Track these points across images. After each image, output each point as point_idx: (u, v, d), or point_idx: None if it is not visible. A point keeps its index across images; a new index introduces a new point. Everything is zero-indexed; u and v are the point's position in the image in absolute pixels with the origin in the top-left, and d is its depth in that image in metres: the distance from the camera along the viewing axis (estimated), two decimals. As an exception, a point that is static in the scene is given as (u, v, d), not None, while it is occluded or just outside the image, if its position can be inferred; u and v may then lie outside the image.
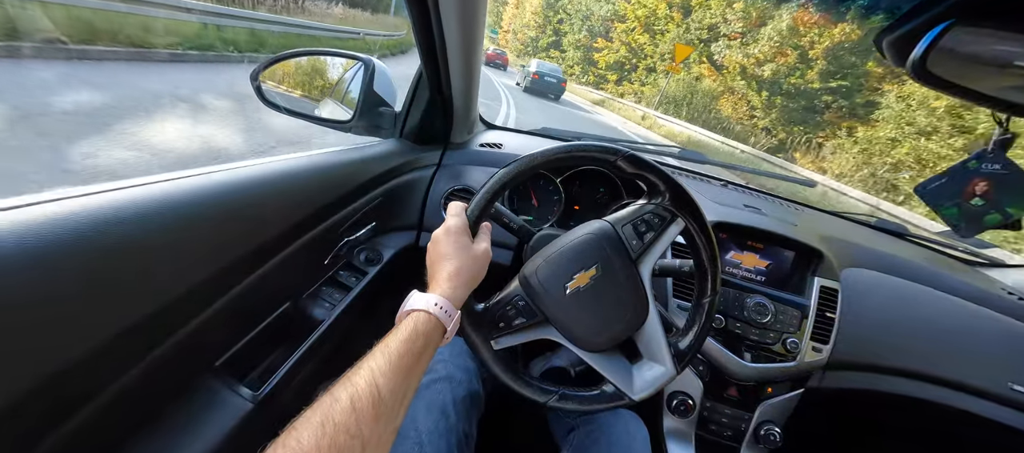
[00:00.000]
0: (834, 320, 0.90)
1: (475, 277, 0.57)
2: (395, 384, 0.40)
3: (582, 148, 0.62)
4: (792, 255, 0.96)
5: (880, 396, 0.94)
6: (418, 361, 0.44)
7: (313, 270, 0.78)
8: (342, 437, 0.34)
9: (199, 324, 0.53)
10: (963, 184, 0.54)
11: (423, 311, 0.48)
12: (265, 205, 0.61)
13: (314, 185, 0.71)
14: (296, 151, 0.74)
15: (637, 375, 0.63)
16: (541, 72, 15.35)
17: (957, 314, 0.99)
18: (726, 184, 1.24)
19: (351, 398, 0.36)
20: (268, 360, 0.70)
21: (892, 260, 1.05)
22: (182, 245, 0.49)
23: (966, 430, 1.02)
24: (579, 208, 1.05)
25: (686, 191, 0.62)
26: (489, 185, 0.60)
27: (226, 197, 0.55)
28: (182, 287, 0.49)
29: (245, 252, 0.57)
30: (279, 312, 0.70)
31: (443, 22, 0.70)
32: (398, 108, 1.01)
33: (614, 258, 0.60)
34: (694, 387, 0.94)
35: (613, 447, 0.74)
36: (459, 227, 0.57)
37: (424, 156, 1.02)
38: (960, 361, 0.94)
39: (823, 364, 0.90)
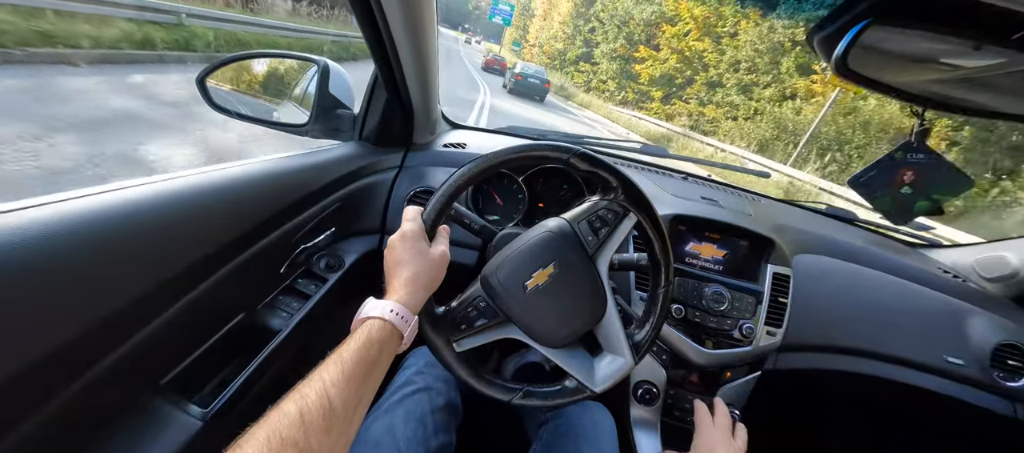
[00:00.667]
0: (786, 305, 0.94)
1: (433, 281, 0.57)
2: (348, 394, 0.39)
3: (536, 148, 0.62)
4: (747, 244, 1.00)
5: (830, 374, 1.00)
6: (373, 369, 0.44)
7: (268, 279, 0.76)
8: (290, 450, 0.33)
9: (142, 339, 0.51)
10: (892, 174, 0.58)
11: (378, 318, 0.48)
12: (211, 214, 0.59)
13: (265, 192, 0.69)
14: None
15: (598, 368, 0.65)
16: (525, 73, 15.47)
17: (899, 294, 1.05)
18: (686, 177, 1.27)
19: (301, 411, 0.36)
20: (221, 375, 0.68)
21: (841, 245, 1.11)
22: (120, 259, 0.47)
23: (907, 400, 1.09)
24: (544, 205, 1.06)
25: (637, 187, 0.64)
26: (444, 188, 0.60)
27: (168, 207, 0.53)
28: (121, 301, 0.47)
29: (190, 264, 0.55)
30: (232, 324, 0.68)
31: (389, 23, 0.69)
32: (357, 110, 0.99)
33: (571, 255, 0.61)
34: (658, 376, 0.97)
35: (580, 439, 0.75)
36: (415, 232, 0.56)
37: (385, 158, 1.00)
38: (901, 337, 1.00)
39: (777, 347, 0.94)
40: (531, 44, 42.84)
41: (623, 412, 0.97)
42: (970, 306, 1.04)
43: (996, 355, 0.99)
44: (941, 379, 0.99)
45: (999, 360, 0.99)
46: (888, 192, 0.59)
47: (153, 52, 5.39)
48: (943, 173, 0.55)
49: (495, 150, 0.62)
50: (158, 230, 0.51)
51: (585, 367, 0.64)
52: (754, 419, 0.98)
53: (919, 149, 0.55)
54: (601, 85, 24.99)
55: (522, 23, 47.70)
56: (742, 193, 1.27)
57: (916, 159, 0.56)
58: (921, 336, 1.00)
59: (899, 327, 1.01)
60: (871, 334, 1.00)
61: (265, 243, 0.69)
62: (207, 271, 0.59)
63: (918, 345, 1.00)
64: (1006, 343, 0.99)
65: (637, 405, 0.97)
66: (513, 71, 15.95)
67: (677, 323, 0.93)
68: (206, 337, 0.64)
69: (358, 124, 0.98)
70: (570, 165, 0.62)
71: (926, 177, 0.56)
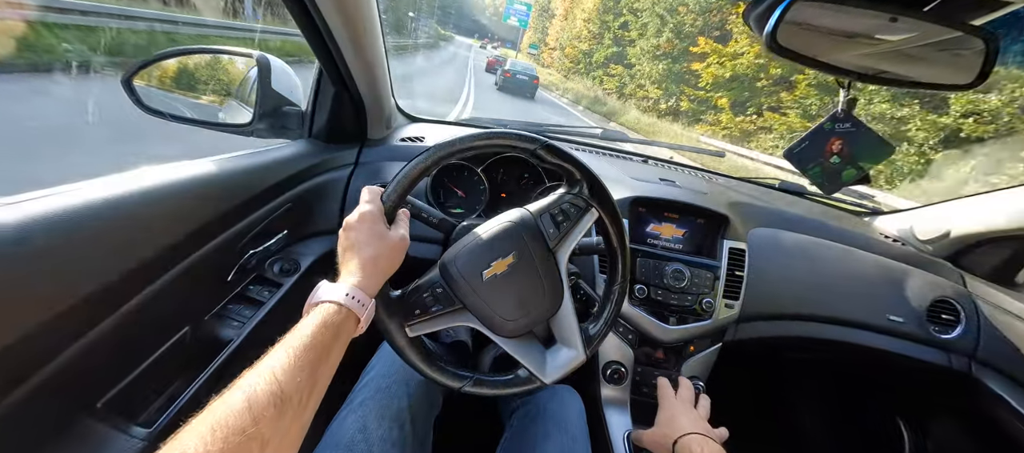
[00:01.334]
0: (743, 278, 0.98)
1: (391, 265, 0.55)
2: (300, 379, 0.38)
3: (501, 135, 0.61)
4: (704, 222, 1.03)
5: (785, 340, 1.05)
6: (327, 354, 0.42)
7: (214, 288, 0.72)
8: (235, 439, 0.31)
9: (70, 359, 0.47)
10: (822, 145, 0.60)
11: (332, 302, 0.46)
12: (140, 222, 0.55)
13: (204, 196, 0.65)
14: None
15: (550, 359, 0.65)
16: (513, 70, 15.51)
17: (845, 260, 1.11)
18: (646, 160, 1.30)
19: (247, 399, 0.34)
20: (167, 392, 0.65)
21: (792, 218, 1.16)
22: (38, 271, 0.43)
23: (856, 358, 1.16)
24: (506, 196, 1.06)
25: (601, 183, 0.64)
26: (406, 169, 0.58)
27: (91, 217, 0.49)
28: (42, 315, 0.43)
29: (118, 276, 0.51)
30: (175, 339, 0.64)
31: (324, 14, 0.66)
32: (306, 107, 0.95)
33: (531, 246, 0.61)
34: (625, 355, 0.99)
35: (549, 422, 0.76)
36: (374, 213, 0.54)
37: (338, 155, 0.97)
38: (848, 301, 1.06)
39: (735, 318, 0.98)
40: (551, 47, 38.22)
41: (593, 393, 0.99)
42: (908, 267, 1.12)
43: (932, 311, 1.06)
44: (885, 337, 1.06)
45: (934, 315, 1.06)
46: (818, 162, 0.61)
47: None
48: (868, 142, 0.59)
49: (463, 134, 0.60)
50: (76, 242, 0.48)
51: (537, 358, 0.65)
52: (719, 389, 1.02)
53: (846, 119, 0.57)
54: (639, 91, 19.38)
55: (541, 25, 44.27)
56: (699, 173, 1.31)
57: (843, 129, 0.58)
58: (866, 298, 1.07)
59: (846, 291, 1.07)
60: (821, 299, 1.05)
61: (206, 250, 0.65)
62: (139, 283, 0.55)
63: (863, 307, 1.06)
64: (940, 299, 1.07)
65: (607, 385, 0.99)
66: (503, 68, 15.98)
67: (641, 303, 0.95)
68: (147, 353, 0.60)
69: (307, 121, 0.94)
70: (537, 156, 0.62)
71: (852, 146, 0.59)
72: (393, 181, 0.58)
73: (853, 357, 1.14)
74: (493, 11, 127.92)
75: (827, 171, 0.61)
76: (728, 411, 0.92)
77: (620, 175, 1.08)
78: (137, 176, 0.58)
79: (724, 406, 0.91)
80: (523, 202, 0.64)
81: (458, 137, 0.60)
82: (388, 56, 0.97)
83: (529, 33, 49.50)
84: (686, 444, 0.67)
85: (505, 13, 43.70)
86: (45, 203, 0.47)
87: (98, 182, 0.54)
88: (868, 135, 0.58)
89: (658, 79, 17.89)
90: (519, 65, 16.41)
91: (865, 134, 0.58)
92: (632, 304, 0.95)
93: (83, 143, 2.83)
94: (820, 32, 0.49)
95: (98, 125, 3.07)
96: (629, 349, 0.99)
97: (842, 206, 1.37)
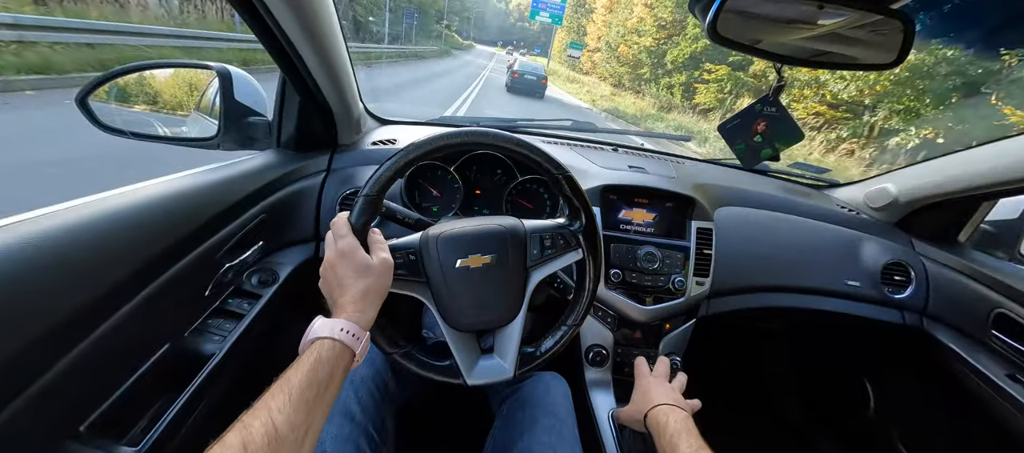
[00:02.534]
0: (711, 256, 1.03)
1: (383, 292, 0.55)
2: (296, 420, 0.39)
3: (523, 145, 0.62)
4: (673, 205, 1.07)
5: (754, 311, 1.11)
6: (324, 391, 0.43)
7: (193, 303, 0.72)
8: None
9: (49, 383, 0.47)
10: (750, 124, 0.65)
11: (327, 338, 0.47)
12: (113, 242, 0.55)
13: (175, 212, 0.65)
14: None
15: (480, 364, 0.67)
16: (522, 71, 15.64)
17: (806, 232, 1.18)
18: (616, 148, 1.33)
19: (243, 442, 0.35)
20: (151, 411, 0.64)
21: (755, 195, 1.22)
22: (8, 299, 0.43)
23: (820, 323, 1.23)
24: (480, 192, 1.08)
25: (598, 231, 0.67)
26: (369, 186, 0.58)
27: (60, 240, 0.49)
28: (13, 343, 0.43)
29: (93, 297, 0.51)
30: (156, 356, 0.64)
31: (281, 24, 0.66)
32: (272, 116, 0.94)
33: (512, 256, 0.64)
34: (605, 338, 1.02)
35: (536, 407, 0.79)
36: (352, 247, 0.54)
37: (309, 163, 0.97)
38: (809, 270, 1.13)
39: (706, 295, 1.03)
40: (593, 49, 28.00)
41: (578, 376, 1.03)
42: (862, 234, 1.19)
43: (885, 273, 1.14)
44: (844, 301, 1.13)
45: (887, 277, 1.14)
46: (744, 139, 0.67)
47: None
48: (785, 126, 0.64)
49: (449, 131, 0.60)
50: (49, 265, 0.47)
51: (469, 357, 0.66)
52: (696, 363, 1.07)
53: (773, 104, 0.62)
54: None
55: (575, 23, 34.62)
56: (668, 158, 1.36)
57: (769, 112, 0.63)
58: (825, 266, 1.14)
59: (807, 261, 1.13)
60: (784, 270, 1.12)
61: (181, 266, 0.65)
62: (115, 303, 0.55)
63: (823, 274, 1.13)
64: (891, 262, 1.14)
65: (590, 368, 1.03)
66: (511, 69, 16.07)
67: (616, 286, 0.99)
68: (128, 373, 0.60)
69: (274, 131, 0.93)
70: (557, 182, 0.64)
71: (773, 128, 0.65)
72: (357, 203, 0.58)
73: (817, 322, 1.21)
74: (518, 16, 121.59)
75: (750, 148, 0.67)
76: (706, 384, 0.97)
77: (589, 166, 1.12)
78: (104, 198, 0.58)
79: (702, 379, 0.95)
80: (498, 197, 0.66)
81: (437, 135, 0.60)
82: (353, 64, 0.96)
83: (562, 32, 39.18)
84: (655, 414, 0.70)
85: (532, 11, 32.08)
86: (10, 230, 0.46)
87: (63, 207, 0.53)
88: (787, 120, 0.63)
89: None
90: (528, 65, 16.52)
91: (785, 119, 0.63)
92: (608, 288, 0.99)
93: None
94: (757, 19, 0.53)
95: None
96: (609, 332, 1.03)
97: (802, 181, 1.45)
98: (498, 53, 54.26)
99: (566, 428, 0.77)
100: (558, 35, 41.55)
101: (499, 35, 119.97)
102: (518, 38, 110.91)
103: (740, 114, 0.66)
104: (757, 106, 0.64)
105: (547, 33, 50.02)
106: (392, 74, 14.51)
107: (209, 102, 1.00)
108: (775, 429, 1.55)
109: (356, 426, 0.65)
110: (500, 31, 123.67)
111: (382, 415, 0.71)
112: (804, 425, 1.53)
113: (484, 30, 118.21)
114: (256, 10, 0.64)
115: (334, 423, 0.64)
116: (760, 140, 0.65)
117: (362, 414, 0.67)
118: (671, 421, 0.68)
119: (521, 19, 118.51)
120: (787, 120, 0.63)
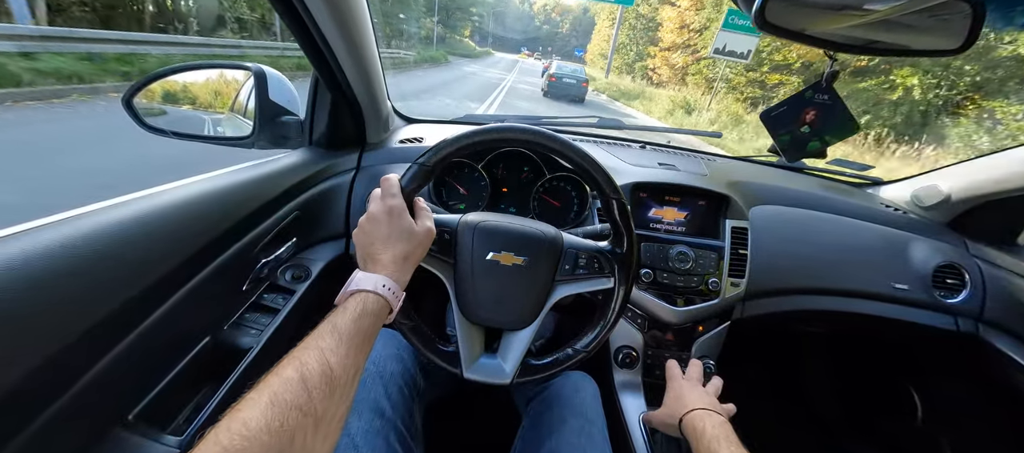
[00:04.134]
0: (746, 256, 0.99)
1: (419, 259, 0.56)
2: (347, 361, 0.39)
3: (585, 157, 0.60)
4: (705, 203, 1.04)
5: (793, 314, 1.06)
6: (366, 341, 0.44)
7: (230, 299, 0.74)
8: (294, 414, 0.32)
9: (98, 375, 0.49)
10: (798, 112, 0.61)
11: (371, 292, 0.47)
12: (156, 240, 0.57)
13: (213, 210, 0.67)
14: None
15: (481, 361, 0.66)
16: (559, 74, 14.69)
17: (847, 232, 1.12)
18: (644, 146, 1.30)
19: (302, 375, 0.35)
20: (194, 402, 0.66)
21: (792, 193, 1.17)
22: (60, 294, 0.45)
23: (863, 328, 1.17)
24: (507, 190, 1.07)
25: (635, 261, 0.64)
26: (427, 156, 0.58)
27: (107, 238, 0.51)
28: (69, 337, 0.45)
29: (139, 291, 0.53)
30: (198, 349, 0.66)
31: (319, 24, 0.67)
32: (305, 115, 0.96)
33: (543, 265, 0.63)
34: (636, 339, 1.00)
35: (564, 408, 0.77)
36: (400, 208, 0.54)
37: (339, 161, 0.98)
38: (852, 271, 1.07)
39: (742, 296, 0.99)
40: (667, 47, 19.43)
41: (607, 378, 1.01)
42: (910, 235, 1.12)
43: (936, 276, 1.07)
44: (891, 305, 1.07)
45: (939, 280, 1.07)
46: (789, 130, 0.62)
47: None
48: (839, 117, 0.59)
49: (515, 124, 0.59)
50: (98, 261, 0.49)
51: (472, 350, 0.66)
52: (730, 367, 1.03)
53: (826, 91, 0.58)
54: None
55: (587, 27, 31.94)
56: (698, 155, 1.31)
57: (821, 100, 0.59)
58: (869, 268, 1.08)
59: (849, 262, 1.08)
60: (825, 272, 1.06)
61: (220, 262, 0.67)
62: (160, 297, 0.57)
63: (867, 276, 1.07)
64: (944, 264, 1.07)
65: (619, 370, 1.01)
66: (547, 72, 15.19)
67: (647, 286, 0.96)
68: (172, 365, 0.62)
69: (306, 129, 0.95)
70: (611, 202, 0.62)
71: (824, 118, 0.60)
72: (411, 167, 0.57)
73: (860, 327, 1.15)
74: (544, 18, 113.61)
75: (795, 139, 0.62)
76: (740, 389, 0.93)
77: (618, 163, 1.09)
78: (150, 195, 0.60)
79: (736, 385, 0.92)
80: (525, 194, 0.65)
81: (505, 125, 0.59)
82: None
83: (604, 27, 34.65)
84: (690, 419, 0.68)
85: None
86: (65, 227, 0.48)
87: (114, 203, 0.55)
88: (841, 110, 0.59)
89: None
90: (566, 68, 15.44)
91: (839, 109, 0.58)
92: (639, 288, 0.96)
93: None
94: (807, 6, 0.50)
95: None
96: (639, 333, 1.00)
97: (843, 179, 1.38)
98: (522, 61, 45.03)
99: (596, 430, 0.76)
100: (597, 32, 33.27)
101: (524, 40, 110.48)
102: (545, 44, 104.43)
103: (786, 101, 0.61)
104: (807, 93, 0.59)
105: (581, 35, 45.03)
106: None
107: (242, 103, 1.04)
108: (813, 438, 1.48)
109: (386, 421, 0.65)
110: (524, 36, 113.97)
111: (411, 411, 0.71)
112: (844, 434, 1.46)
113: (506, 33, 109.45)
114: (296, 10, 0.65)
115: (364, 418, 0.64)
116: (807, 131, 0.60)
117: (392, 410, 0.67)
118: (708, 426, 0.65)
119: (547, 21, 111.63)
120: (842, 110, 0.58)
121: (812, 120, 0.61)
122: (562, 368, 0.68)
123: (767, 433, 1.07)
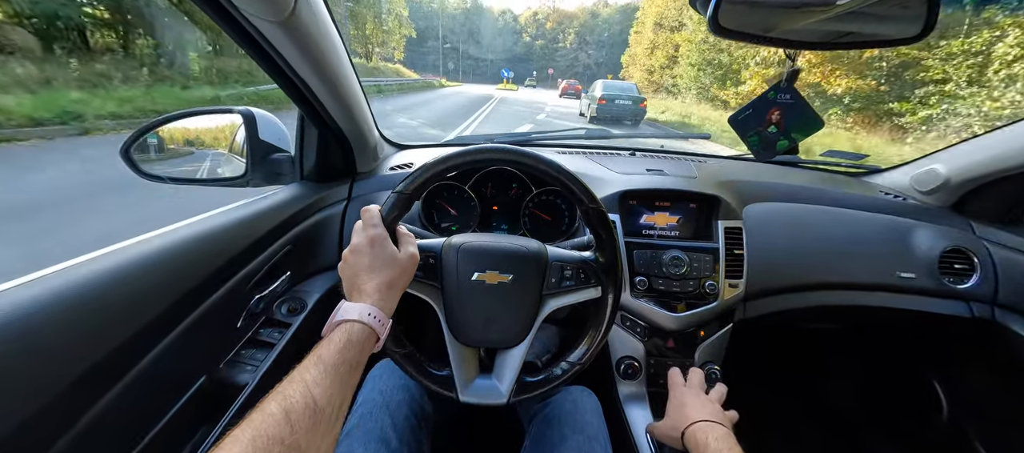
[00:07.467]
0: (743, 256, 0.97)
1: (404, 286, 0.57)
2: (331, 393, 0.39)
3: (553, 166, 0.61)
4: (696, 206, 1.03)
5: (797, 312, 1.04)
6: (353, 371, 0.44)
7: (226, 336, 0.75)
8: (277, 449, 0.33)
9: (90, 423, 0.50)
10: (764, 114, 0.62)
11: (356, 321, 0.48)
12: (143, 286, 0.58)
13: (204, 250, 0.69)
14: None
15: (476, 382, 0.66)
16: (609, 95, 12.17)
17: (846, 223, 1.10)
18: (633, 152, 1.31)
19: (285, 409, 0.35)
20: (191, 442, 0.67)
21: (786, 189, 1.16)
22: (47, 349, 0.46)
23: (873, 320, 1.14)
24: (498, 208, 1.08)
25: (619, 268, 0.65)
26: (404, 184, 0.59)
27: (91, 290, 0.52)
28: (56, 387, 0.46)
29: (125, 339, 0.54)
30: (194, 389, 0.67)
31: (294, 68, 0.70)
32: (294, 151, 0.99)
33: (530, 281, 0.63)
34: (637, 349, 0.98)
35: (564, 424, 0.76)
36: (382, 237, 0.55)
37: (331, 193, 1.00)
38: (854, 264, 1.05)
39: (741, 297, 0.97)
40: (643, 66, 19.22)
41: (610, 391, 0.99)
42: (913, 221, 1.10)
43: (943, 262, 1.04)
44: (899, 295, 1.04)
45: (946, 266, 1.04)
46: (757, 131, 0.63)
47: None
48: (802, 115, 0.60)
49: (491, 145, 0.60)
50: (89, 311, 0.51)
51: (467, 373, 0.65)
52: (737, 371, 1.01)
53: (787, 90, 0.59)
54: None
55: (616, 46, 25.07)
56: (689, 158, 1.31)
57: (784, 99, 0.60)
58: (872, 258, 1.05)
59: (851, 254, 1.05)
60: (826, 266, 1.04)
61: (213, 301, 0.68)
62: (152, 340, 0.58)
63: (870, 267, 1.04)
64: (950, 249, 1.04)
65: (622, 381, 0.99)
66: (593, 95, 12.53)
67: (643, 294, 0.95)
68: (168, 407, 0.63)
69: (297, 165, 0.98)
70: (585, 208, 0.62)
71: (789, 117, 0.60)
72: (390, 196, 0.58)
73: (869, 320, 1.12)
74: (535, 31, 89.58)
75: (764, 139, 0.63)
76: (748, 393, 0.91)
77: (606, 173, 1.09)
78: (139, 242, 0.62)
79: (744, 388, 0.89)
80: (516, 211, 0.64)
81: (484, 146, 0.60)
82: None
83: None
84: (693, 433, 0.66)
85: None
86: (55, 279, 0.50)
87: (99, 254, 0.57)
88: (804, 108, 0.59)
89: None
90: (615, 87, 12.68)
91: (801, 107, 0.59)
92: (635, 296, 0.95)
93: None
94: (763, 7, 0.51)
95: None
96: (639, 343, 0.99)
97: (838, 170, 1.36)
98: (510, 96, 25.35)
99: (598, 445, 0.74)
100: (637, 42, 25.72)
101: (507, 61, 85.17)
102: (541, 63, 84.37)
103: (751, 104, 0.62)
104: (771, 94, 0.60)
105: (594, 48, 32.48)
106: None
107: (239, 144, 1.07)
108: (830, 439, 1.43)
109: (392, 452, 0.65)
110: (508, 56, 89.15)
111: (419, 439, 0.72)
112: (865, 434, 1.40)
113: (481, 53, 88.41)
114: (270, 57, 0.68)
115: (371, 449, 0.64)
116: (775, 131, 0.61)
117: (397, 440, 0.67)
118: (710, 439, 0.64)
119: (540, 34, 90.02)
120: (805, 108, 0.59)
121: (778, 120, 0.61)
122: (558, 383, 0.68)
123: (789, 434, 1.03)
